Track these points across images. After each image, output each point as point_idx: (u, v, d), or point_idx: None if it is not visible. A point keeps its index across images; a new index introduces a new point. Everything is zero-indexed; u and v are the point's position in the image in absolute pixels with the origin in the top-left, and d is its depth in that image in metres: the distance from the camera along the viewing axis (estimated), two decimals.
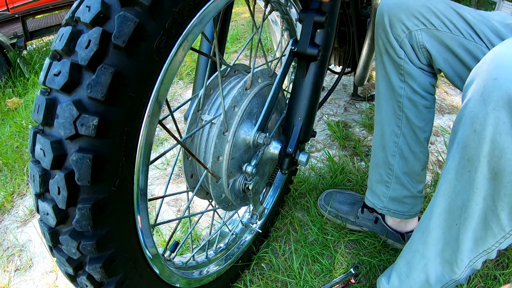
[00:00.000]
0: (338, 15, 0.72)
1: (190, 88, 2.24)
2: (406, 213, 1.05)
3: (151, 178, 1.51)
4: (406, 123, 0.93)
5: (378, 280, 0.89)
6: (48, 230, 0.48)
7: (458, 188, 0.61)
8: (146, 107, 0.48)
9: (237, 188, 0.74)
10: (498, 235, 0.61)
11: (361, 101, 1.94)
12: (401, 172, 0.99)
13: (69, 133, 0.42)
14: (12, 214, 1.43)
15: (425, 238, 0.71)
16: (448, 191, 0.63)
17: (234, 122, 0.67)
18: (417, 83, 0.88)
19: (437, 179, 1.38)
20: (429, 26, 0.81)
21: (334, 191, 1.29)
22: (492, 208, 0.58)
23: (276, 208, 1.20)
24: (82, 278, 0.52)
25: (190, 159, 0.69)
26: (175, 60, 0.49)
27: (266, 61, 0.82)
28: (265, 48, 2.74)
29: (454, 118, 1.84)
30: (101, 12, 0.41)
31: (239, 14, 3.68)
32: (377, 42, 0.92)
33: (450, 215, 0.65)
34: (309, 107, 0.71)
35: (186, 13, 0.48)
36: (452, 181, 0.62)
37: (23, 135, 1.94)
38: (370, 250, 1.13)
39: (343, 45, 1.54)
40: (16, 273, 1.17)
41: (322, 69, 0.70)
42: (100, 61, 0.42)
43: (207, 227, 1.26)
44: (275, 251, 1.15)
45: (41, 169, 0.45)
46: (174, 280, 0.71)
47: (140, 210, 0.54)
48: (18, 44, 2.90)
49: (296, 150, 0.72)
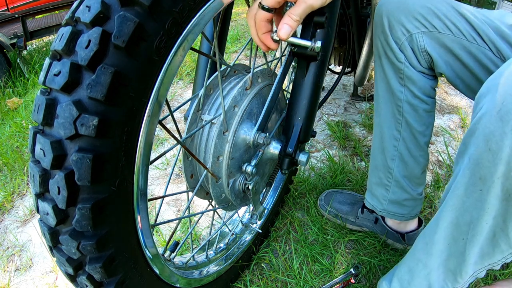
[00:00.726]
0: (338, 15, 0.72)
1: (190, 88, 2.24)
2: (406, 215, 1.05)
3: (151, 178, 1.51)
4: (406, 127, 0.91)
5: (379, 283, 0.88)
6: (48, 230, 0.48)
7: (467, 205, 0.59)
8: (146, 107, 0.48)
9: (237, 188, 0.74)
10: (506, 252, 0.60)
11: (361, 101, 1.94)
12: (400, 176, 0.98)
13: (69, 133, 0.42)
14: (12, 214, 1.43)
15: (429, 249, 0.70)
16: (457, 206, 0.61)
17: (234, 122, 0.67)
18: (417, 87, 0.85)
19: (437, 179, 1.38)
20: (431, 29, 0.78)
21: (334, 191, 1.29)
22: (502, 227, 0.56)
23: (276, 208, 1.20)
24: (82, 278, 0.52)
25: (190, 159, 0.69)
26: (175, 60, 0.49)
27: (266, 61, 0.82)
28: None
29: (454, 118, 1.84)
30: (101, 12, 0.41)
31: (239, 14, 3.68)
32: (375, 44, 0.90)
33: (456, 229, 0.63)
34: (309, 107, 0.71)
35: (186, 13, 0.48)
36: (461, 197, 0.59)
37: (23, 135, 1.94)
38: (370, 250, 1.13)
39: (343, 45, 1.54)
40: (16, 273, 1.17)
41: (322, 69, 0.70)
42: (100, 61, 0.42)
43: (207, 227, 1.26)
44: (275, 251, 1.15)
45: (41, 169, 0.45)
46: (174, 280, 0.71)
47: (140, 210, 0.54)
48: (18, 44, 2.90)
49: (296, 150, 0.72)
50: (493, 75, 0.53)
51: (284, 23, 0.58)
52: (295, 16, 0.58)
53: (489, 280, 1.02)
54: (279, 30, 0.59)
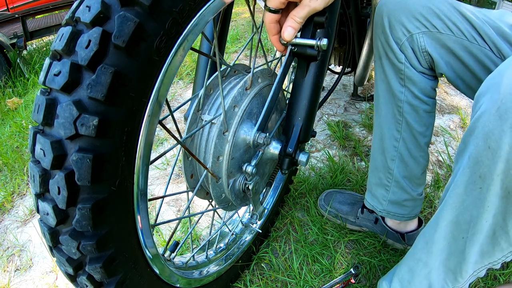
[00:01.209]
0: (338, 15, 0.72)
1: (190, 88, 2.24)
2: (406, 215, 1.05)
3: (151, 178, 1.51)
4: (406, 127, 0.91)
5: (379, 283, 0.88)
6: (48, 230, 0.48)
7: (467, 203, 0.59)
8: (146, 107, 0.48)
9: (237, 188, 0.74)
10: (506, 250, 0.60)
11: (361, 101, 1.94)
12: (400, 176, 0.98)
13: (69, 133, 0.42)
14: (12, 214, 1.43)
15: (429, 248, 0.70)
16: (456, 205, 0.61)
17: (234, 122, 0.67)
18: (417, 88, 0.85)
19: (437, 179, 1.38)
20: (431, 29, 0.77)
21: (334, 191, 1.29)
22: (502, 225, 0.56)
23: (276, 208, 1.20)
24: (82, 278, 0.52)
25: (190, 159, 0.69)
26: (175, 60, 0.49)
27: (266, 61, 0.82)
28: (265, 48, 2.74)
29: (454, 118, 1.84)
30: (101, 12, 0.41)
31: (239, 14, 3.68)
32: (376, 44, 0.89)
33: (456, 228, 0.63)
34: (309, 107, 0.71)
35: (186, 13, 0.48)
36: (461, 196, 0.60)
37: (23, 135, 1.94)
38: (370, 250, 1.13)
39: (343, 45, 1.54)
40: (16, 273, 1.17)
41: (322, 69, 0.70)
42: (100, 61, 0.42)
43: (207, 227, 1.26)
44: (275, 251, 1.15)
45: (41, 169, 0.45)
46: (174, 280, 0.71)
47: (140, 210, 0.54)
48: (18, 44, 2.90)
49: (296, 150, 0.72)
50: (492, 74, 0.53)
51: (287, 25, 0.60)
52: (298, 18, 0.60)
53: (489, 280, 1.02)
54: (283, 33, 0.61)
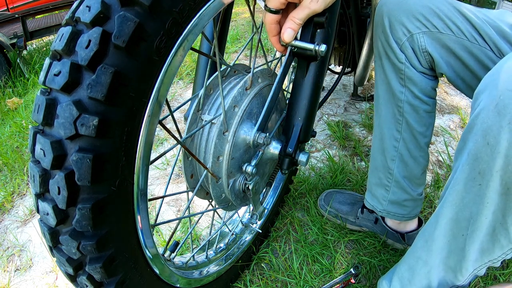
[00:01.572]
0: (338, 15, 0.72)
1: (190, 88, 2.24)
2: (406, 215, 1.05)
3: (151, 178, 1.51)
4: (406, 128, 0.91)
5: (379, 282, 0.88)
6: (48, 230, 0.48)
7: (467, 200, 0.59)
8: (146, 107, 0.48)
9: (237, 188, 0.74)
10: (506, 247, 0.60)
11: (361, 101, 1.94)
12: (400, 176, 0.98)
13: (69, 133, 0.42)
14: (12, 214, 1.43)
15: (429, 246, 0.70)
16: (456, 202, 0.61)
17: (234, 122, 0.67)
18: (418, 88, 0.85)
19: (437, 179, 1.38)
20: (432, 29, 0.77)
21: (334, 191, 1.29)
22: (502, 222, 0.57)
23: (276, 208, 1.20)
24: (82, 278, 0.52)
25: (190, 159, 0.69)
26: (175, 60, 0.49)
27: (266, 61, 0.82)
28: (265, 48, 2.74)
29: (454, 118, 1.84)
30: (101, 12, 0.41)
31: (239, 14, 3.68)
32: (376, 44, 0.89)
33: (456, 225, 0.63)
34: (309, 107, 0.71)
35: (186, 13, 0.48)
36: (461, 193, 0.60)
37: (23, 135, 1.94)
38: (370, 250, 1.13)
39: (343, 45, 1.54)
40: (16, 273, 1.17)
41: (322, 69, 0.70)
42: (100, 61, 0.42)
43: (207, 227, 1.26)
44: (275, 251, 1.15)
45: (41, 169, 0.45)
46: (174, 280, 0.71)
47: (140, 210, 0.54)
48: (18, 44, 2.90)
49: (296, 150, 0.72)
50: (490, 72, 0.54)
51: (287, 27, 0.61)
52: (297, 20, 0.60)
53: (489, 280, 1.02)
54: (282, 34, 0.62)
